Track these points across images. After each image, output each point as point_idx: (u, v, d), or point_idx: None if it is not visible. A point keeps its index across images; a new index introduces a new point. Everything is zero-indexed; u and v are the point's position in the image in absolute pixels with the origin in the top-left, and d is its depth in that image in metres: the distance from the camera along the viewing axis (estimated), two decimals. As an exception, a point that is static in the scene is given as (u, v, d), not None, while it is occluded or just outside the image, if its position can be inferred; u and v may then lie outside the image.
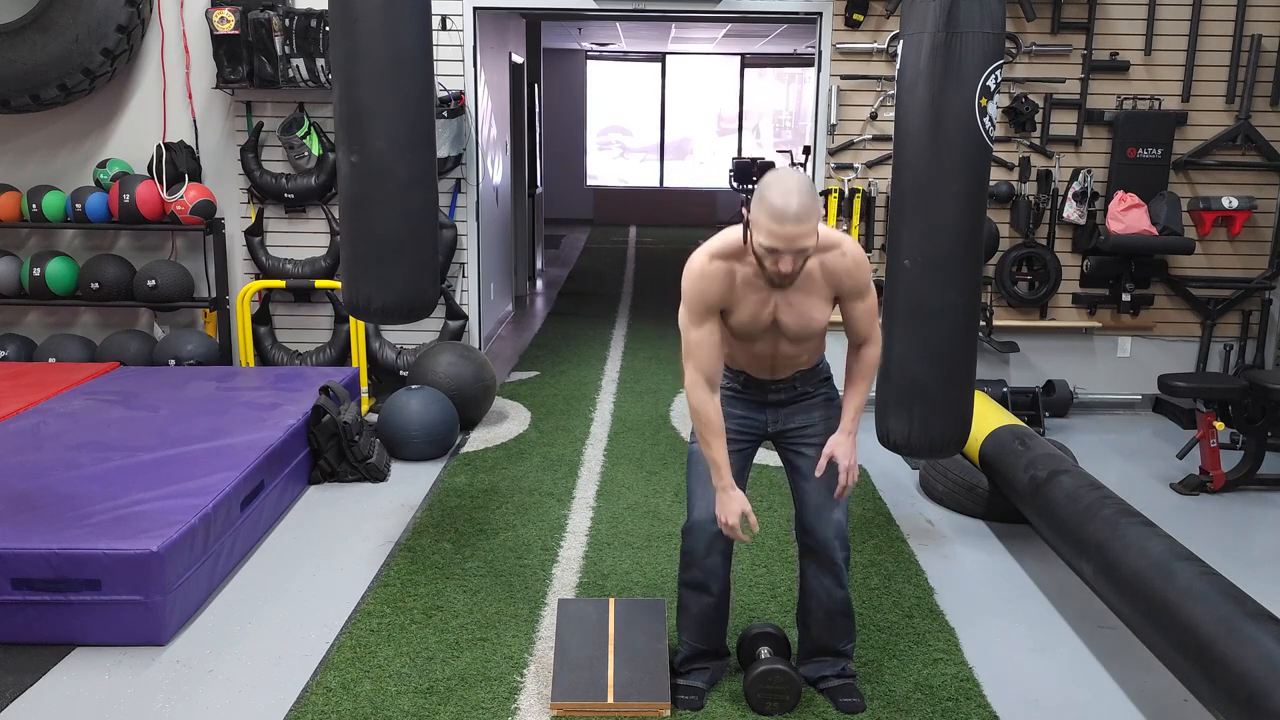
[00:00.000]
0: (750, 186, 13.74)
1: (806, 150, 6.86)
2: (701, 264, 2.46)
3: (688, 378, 2.52)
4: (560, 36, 12.57)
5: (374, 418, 4.89)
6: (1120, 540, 2.92)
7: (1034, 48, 5.21)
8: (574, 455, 4.72)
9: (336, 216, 5.21)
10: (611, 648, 2.81)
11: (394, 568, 3.50)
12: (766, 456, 4.23)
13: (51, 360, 5.17)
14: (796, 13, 5.27)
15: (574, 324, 7.76)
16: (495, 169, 7.02)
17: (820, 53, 5.27)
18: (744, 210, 2.41)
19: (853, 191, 5.31)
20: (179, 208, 5.14)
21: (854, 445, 2.60)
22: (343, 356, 5.43)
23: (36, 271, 5.16)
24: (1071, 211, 5.32)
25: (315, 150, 5.27)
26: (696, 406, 2.50)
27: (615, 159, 15.96)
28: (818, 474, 2.62)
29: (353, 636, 3.03)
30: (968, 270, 3.01)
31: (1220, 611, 2.45)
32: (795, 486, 2.72)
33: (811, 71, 5.40)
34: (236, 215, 5.45)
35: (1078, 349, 5.58)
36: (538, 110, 9.67)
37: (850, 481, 2.59)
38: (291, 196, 5.31)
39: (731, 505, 2.51)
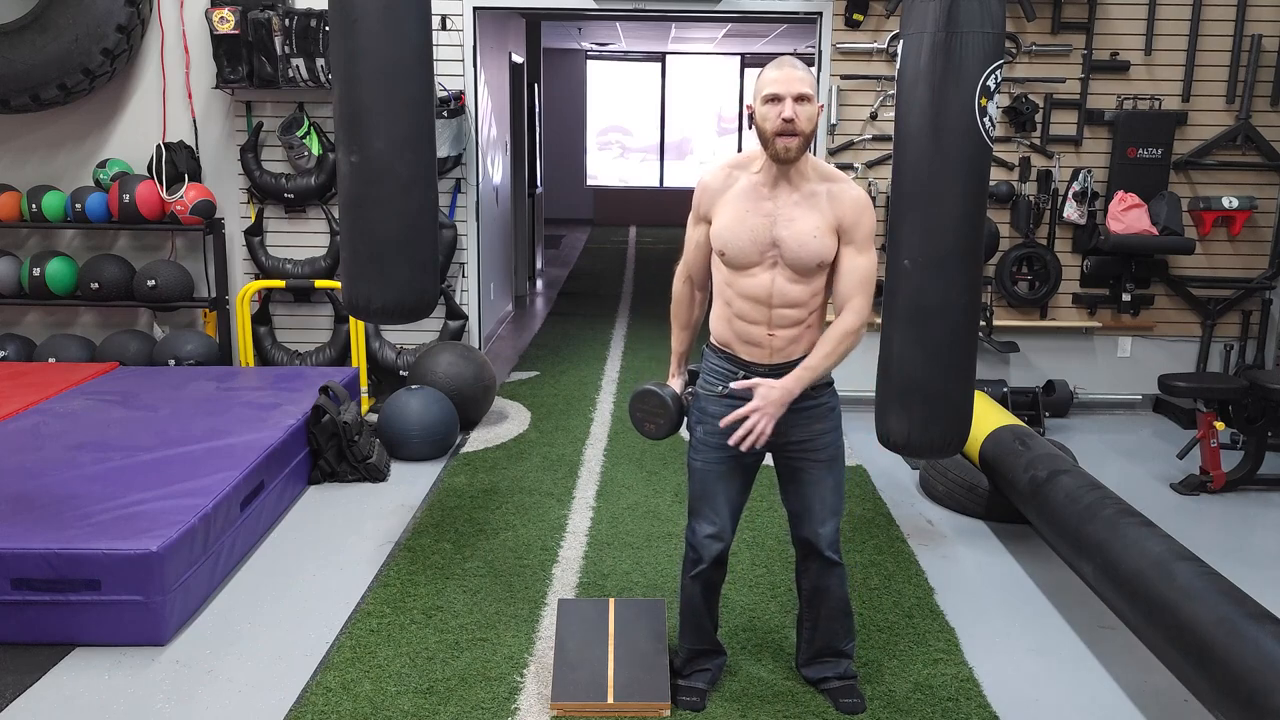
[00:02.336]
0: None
1: (806, 150, 6.89)
2: (709, 171, 2.60)
3: (677, 271, 2.70)
4: (560, 36, 12.56)
5: (374, 418, 4.89)
6: (1120, 540, 2.92)
7: (1034, 48, 5.21)
8: (574, 455, 4.71)
9: (336, 216, 5.21)
10: (611, 648, 2.81)
11: (394, 568, 3.50)
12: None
13: (51, 360, 5.16)
14: (796, 13, 5.27)
15: (574, 324, 7.76)
16: (495, 169, 7.02)
17: (820, 53, 5.27)
18: (748, 107, 2.48)
19: (853, 191, 5.30)
20: (179, 208, 5.14)
21: (780, 401, 2.41)
22: (343, 356, 5.43)
23: (36, 271, 5.15)
24: (1072, 211, 5.32)
25: (315, 150, 5.27)
26: (674, 294, 2.72)
27: (615, 159, 15.95)
28: (734, 386, 2.49)
29: (353, 636, 3.03)
30: (968, 270, 3.01)
31: (1220, 611, 2.45)
32: (794, 497, 2.66)
33: (811, 71, 5.39)
34: (236, 215, 5.45)
35: (1078, 349, 5.58)
36: (538, 110, 9.67)
37: (751, 438, 2.40)
38: (291, 196, 5.31)
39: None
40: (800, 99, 2.37)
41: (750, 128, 2.47)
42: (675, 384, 2.72)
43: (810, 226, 2.45)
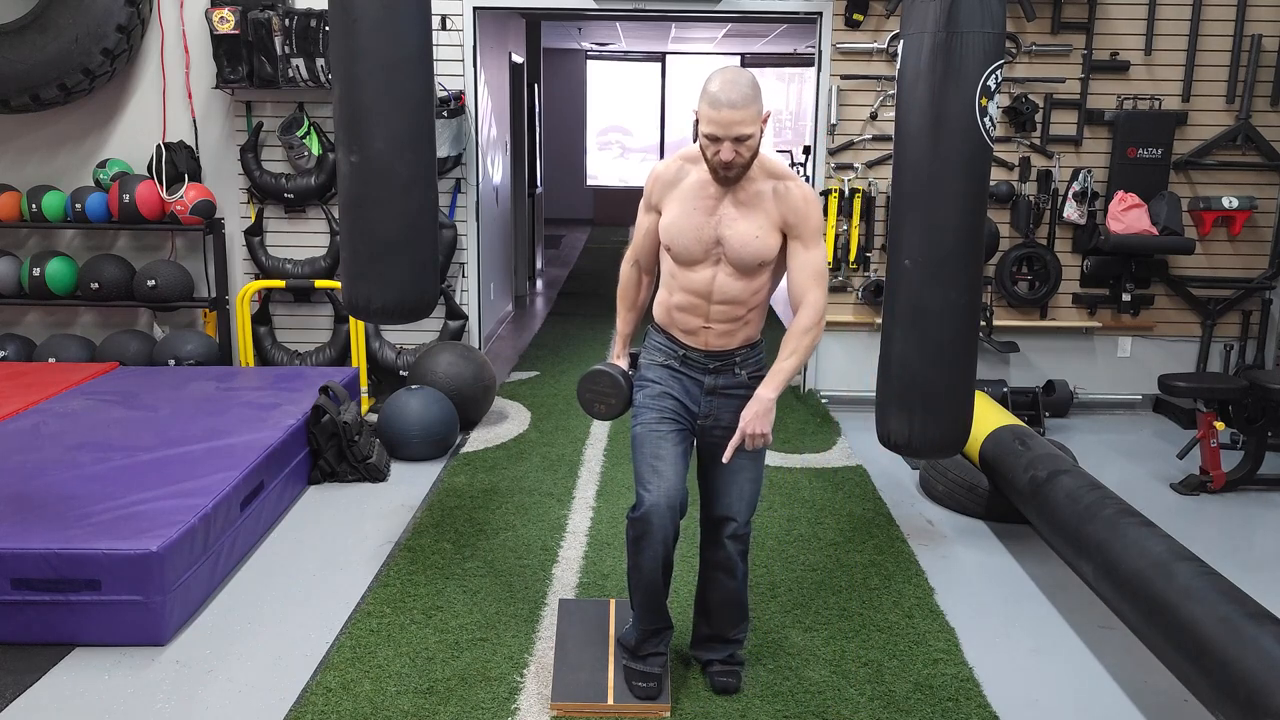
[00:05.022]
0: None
1: (806, 150, 6.87)
2: (663, 162, 2.61)
3: (626, 255, 2.76)
4: (560, 36, 12.56)
5: (374, 418, 4.89)
6: (1120, 540, 2.92)
7: (1034, 48, 5.21)
8: (574, 455, 4.72)
9: (336, 216, 5.21)
10: (611, 648, 2.81)
11: (394, 568, 3.50)
12: (773, 457, 4.19)
13: (51, 360, 5.16)
14: (796, 13, 5.27)
15: (574, 324, 7.76)
16: (495, 169, 7.02)
17: (820, 53, 5.27)
18: (695, 112, 2.44)
19: (853, 191, 5.31)
20: (179, 208, 5.14)
21: (769, 410, 2.50)
22: (343, 356, 5.43)
23: (36, 271, 5.15)
24: (1071, 211, 5.32)
25: (315, 150, 5.27)
26: (621, 276, 2.79)
27: (615, 159, 15.95)
28: (727, 451, 2.52)
29: (353, 636, 3.03)
30: (968, 270, 3.01)
31: (1220, 611, 2.45)
32: (713, 478, 2.69)
33: (811, 71, 5.40)
34: (236, 215, 5.45)
35: (1078, 349, 5.58)
36: (538, 110, 9.66)
37: (753, 445, 2.51)
38: (291, 196, 5.31)
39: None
40: (739, 140, 2.34)
41: (695, 140, 2.44)
42: (621, 364, 2.77)
43: (754, 226, 2.48)
